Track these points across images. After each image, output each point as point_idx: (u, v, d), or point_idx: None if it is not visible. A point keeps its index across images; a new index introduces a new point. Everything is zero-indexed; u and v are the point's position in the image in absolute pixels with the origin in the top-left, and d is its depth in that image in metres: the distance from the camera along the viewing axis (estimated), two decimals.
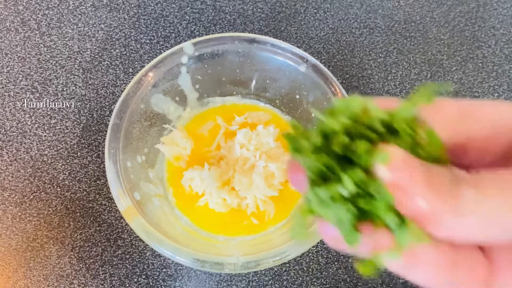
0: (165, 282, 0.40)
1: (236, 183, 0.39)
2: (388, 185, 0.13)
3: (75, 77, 0.47)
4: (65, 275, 0.40)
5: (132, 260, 0.41)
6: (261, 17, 0.51)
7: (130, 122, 0.38)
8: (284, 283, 0.40)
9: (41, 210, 0.42)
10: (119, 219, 0.42)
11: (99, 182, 0.43)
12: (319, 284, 0.40)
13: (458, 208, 0.13)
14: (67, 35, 0.49)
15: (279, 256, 0.33)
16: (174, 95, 0.41)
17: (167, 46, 0.49)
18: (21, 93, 0.46)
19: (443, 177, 0.14)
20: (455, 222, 0.13)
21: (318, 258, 0.41)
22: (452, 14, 0.52)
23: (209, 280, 0.40)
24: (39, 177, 0.43)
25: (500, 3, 0.52)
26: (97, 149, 0.44)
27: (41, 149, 0.44)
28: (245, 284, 0.40)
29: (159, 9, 0.51)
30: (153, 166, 0.41)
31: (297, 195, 0.41)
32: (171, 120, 0.43)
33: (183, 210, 0.40)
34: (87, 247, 0.41)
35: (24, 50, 0.48)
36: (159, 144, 0.41)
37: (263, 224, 0.40)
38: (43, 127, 0.45)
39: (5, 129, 0.45)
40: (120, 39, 0.49)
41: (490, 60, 0.49)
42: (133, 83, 0.38)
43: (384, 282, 0.40)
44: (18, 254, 0.40)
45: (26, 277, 0.40)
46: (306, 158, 0.15)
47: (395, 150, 0.13)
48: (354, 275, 0.40)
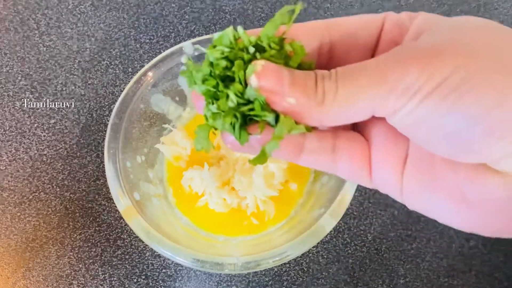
0: (164, 283, 0.40)
1: (236, 183, 0.39)
2: (260, 90, 0.17)
3: (75, 77, 0.47)
4: (65, 276, 0.40)
5: (132, 260, 0.40)
6: (261, 17, 0.51)
7: (130, 122, 0.38)
8: (284, 283, 0.40)
9: (40, 210, 0.42)
10: (119, 219, 0.42)
11: (99, 182, 0.43)
12: (319, 284, 0.40)
13: (321, 100, 0.16)
14: (66, 35, 0.49)
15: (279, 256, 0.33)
16: (174, 95, 0.41)
17: (166, 46, 0.49)
18: (20, 93, 0.46)
19: (307, 77, 0.17)
20: (321, 112, 0.16)
21: (318, 258, 0.41)
22: (452, 14, 0.52)
23: (209, 280, 0.40)
24: (38, 177, 0.43)
25: (501, 3, 0.52)
26: (97, 149, 0.44)
27: (40, 149, 0.44)
28: (245, 284, 0.40)
29: (159, 8, 0.51)
30: (152, 166, 0.41)
31: (297, 195, 0.41)
32: (171, 120, 0.43)
33: (183, 210, 0.40)
34: (86, 248, 0.41)
35: (24, 50, 0.48)
36: (159, 144, 0.41)
37: (263, 224, 0.39)
38: (42, 127, 0.45)
39: (4, 129, 0.45)
40: (120, 39, 0.49)
41: None
42: (133, 83, 0.38)
43: (385, 282, 0.40)
44: (18, 254, 0.40)
45: (25, 278, 0.40)
46: (199, 86, 0.18)
47: (261, 62, 0.17)
48: (354, 275, 0.40)
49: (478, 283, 0.40)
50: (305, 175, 0.41)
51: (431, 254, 0.41)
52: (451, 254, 0.41)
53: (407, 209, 0.42)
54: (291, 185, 0.41)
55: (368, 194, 0.43)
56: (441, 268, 0.40)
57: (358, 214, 0.42)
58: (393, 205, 0.42)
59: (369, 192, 0.43)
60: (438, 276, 0.40)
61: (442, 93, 0.15)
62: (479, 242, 0.41)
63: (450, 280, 0.40)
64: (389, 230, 0.42)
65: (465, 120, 0.15)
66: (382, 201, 0.42)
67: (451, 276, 0.40)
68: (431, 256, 0.41)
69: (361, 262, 0.41)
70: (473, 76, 0.14)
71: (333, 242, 0.41)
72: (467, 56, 0.15)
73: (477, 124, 0.14)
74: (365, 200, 0.43)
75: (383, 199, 0.43)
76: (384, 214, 0.42)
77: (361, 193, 0.43)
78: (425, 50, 0.15)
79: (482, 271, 0.40)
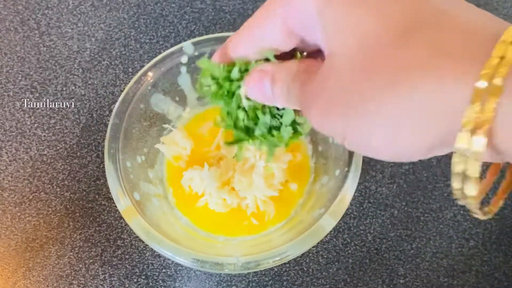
0: (165, 283, 0.40)
1: (236, 183, 0.39)
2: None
3: (75, 77, 0.47)
4: (65, 276, 0.40)
5: (132, 260, 0.41)
6: None
7: (130, 122, 0.38)
8: (284, 283, 0.40)
9: (40, 210, 0.42)
10: (119, 219, 0.42)
11: (99, 182, 0.43)
12: (319, 284, 0.40)
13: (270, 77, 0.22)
14: (66, 35, 0.49)
15: (279, 256, 0.33)
16: (174, 95, 0.41)
17: (166, 46, 0.49)
18: (20, 93, 0.46)
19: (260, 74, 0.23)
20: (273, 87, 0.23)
21: (318, 258, 0.41)
22: None
23: (209, 280, 0.40)
24: (38, 177, 0.43)
25: (501, 3, 0.52)
26: (97, 149, 0.44)
27: (40, 149, 0.44)
28: (245, 284, 0.40)
29: (159, 8, 0.51)
30: (152, 166, 0.41)
31: (297, 195, 0.41)
32: (171, 120, 0.43)
33: (182, 210, 0.40)
34: (86, 247, 0.41)
35: (24, 50, 0.48)
36: (159, 144, 0.41)
37: (263, 224, 0.39)
38: (43, 127, 0.45)
39: (4, 129, 0.45)
40: (120, 39, 0.49)
41: None
42: (133, 83, 0.38)
43: (385, 282, 0.40)
44: (18, 254, 0.40)
45: (25, 278, 0.40)
46: (216, 85, 0.25)
47: (244, 87, 0.24)
48: (354, 275, 0.40)
49: (478, 283, 0.40)
50: (305, 175, 0.41)
51: (431, 254, 0.41)
52: (451, 254, 0.41)
53: (407, 209, 0.42)
54: (291, 185, 0.41)
55: (368, 194, 0.43)
56: (441, 268, 0.41)
57: (358, 214, 0.42)
58: (393, 205, 0.42)
59: (369, 192, 0.43)
60: (438, 276, 0.40)
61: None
62: (479, 242, 0.41)
63: (450, 280, 0.40)
64: (389, 230, 0.42)
65: None
66: (382, 201, 0.43)
67: (451, 276, 0.40)
68: (431, 256, 0.41)
69: (361, 262, 0.41)
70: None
71: (333, 242, 0.41)
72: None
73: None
74: (365, 200, 0.43)
75: (383, 199, 0.43)
76: (384, 214, 0.42)
77: (361, 193, 0.43)
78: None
79: (482, 271, 0.40)
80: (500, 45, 0.16)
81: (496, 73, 0.15)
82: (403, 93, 0.17)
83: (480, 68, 0.16)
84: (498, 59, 0.15)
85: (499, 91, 0.15)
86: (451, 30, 0.17)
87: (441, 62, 0.16)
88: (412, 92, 0.17)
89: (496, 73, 0.15)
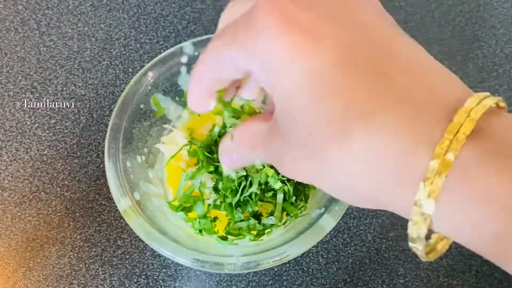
0: (165, 283, 0.40)
1: None
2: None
3: (75, 77, 0.47)
4: (65, 275, 0.40)
5: (132, 260, 0.41)
6: None
7: (130, 122, 0.38)
8: (284, 283, 0.40)
9: (40, 210, 0.42)
10: (119, 219, 0.42)
11: (99, 182, 0.43)
12: (319, 284, 0.40)
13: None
14: (66, 35, 0.49)
15: (279, 256, 0.33)
16: (174, 95, 0.41)
17: (167, 46, 0.49)
18: (20, 93, 0.46)
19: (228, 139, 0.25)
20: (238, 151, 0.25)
21: (318, 258, 0.41)
22: (452, 14, 0.52)
23: (209, 280, 0.40)
24: (38, 177, 0.43)
25: (501, 3, 0.52)
26: (97, 149, 0.44)
27: (40, 149, 0.44)
28: (245, 284, 0.40)
29: (159, 8, 0.51)
30: (153, 166, 0.41)
31: None
32: (171, 120, 0.43)
33: None
34: (86, 247, 0.41)
35: (24, 50, 0.48)
36: (159, 144, 0.41)
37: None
38: (43, 127, 0.45)
39: (4, 129, 0.45)
40: (120, 39, 0.49)
41: (491, 60, 0.49)
42: (133, 83, 0.38)
43: (384, 282, 0.40)
44: (18, 254, 0.40)
45: (25, 277, 0.40)
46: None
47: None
48: (354, 275, 0.40)
49: (478, 283, 0.40)
50: None
51: None
52: (451, 254, 0.41)
53: None
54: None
55: None
56: (441, 268, 0.41)
57: (358, 214, 0.42)
58: None
59: None
60: (438, 276, 0.40)
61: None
62: None
63: (450, 279, 0.40)
64: (389, 230, 0.42)
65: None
66: None
67: (451, 276, 0.40)
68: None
69: (360, 262, 0.41)
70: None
71: (333, 242, 0.41)
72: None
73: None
74: None
75: None
76: (384, 214, 0.42)
77: None
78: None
79: (482, 271, 0.40)
80: (459, 116, 0.17)
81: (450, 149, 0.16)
82: (357, 148, 0.18)
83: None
84: (452, 135, 0.16)
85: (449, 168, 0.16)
86: (411, 97, 0.18)
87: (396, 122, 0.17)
88: (365, 143, 0.18)
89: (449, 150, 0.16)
